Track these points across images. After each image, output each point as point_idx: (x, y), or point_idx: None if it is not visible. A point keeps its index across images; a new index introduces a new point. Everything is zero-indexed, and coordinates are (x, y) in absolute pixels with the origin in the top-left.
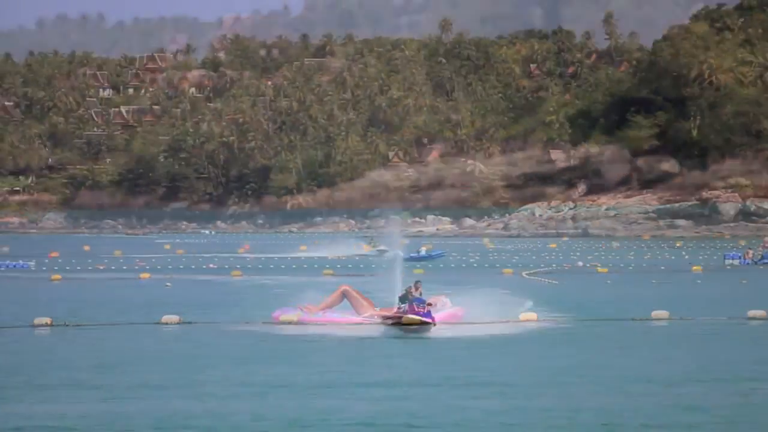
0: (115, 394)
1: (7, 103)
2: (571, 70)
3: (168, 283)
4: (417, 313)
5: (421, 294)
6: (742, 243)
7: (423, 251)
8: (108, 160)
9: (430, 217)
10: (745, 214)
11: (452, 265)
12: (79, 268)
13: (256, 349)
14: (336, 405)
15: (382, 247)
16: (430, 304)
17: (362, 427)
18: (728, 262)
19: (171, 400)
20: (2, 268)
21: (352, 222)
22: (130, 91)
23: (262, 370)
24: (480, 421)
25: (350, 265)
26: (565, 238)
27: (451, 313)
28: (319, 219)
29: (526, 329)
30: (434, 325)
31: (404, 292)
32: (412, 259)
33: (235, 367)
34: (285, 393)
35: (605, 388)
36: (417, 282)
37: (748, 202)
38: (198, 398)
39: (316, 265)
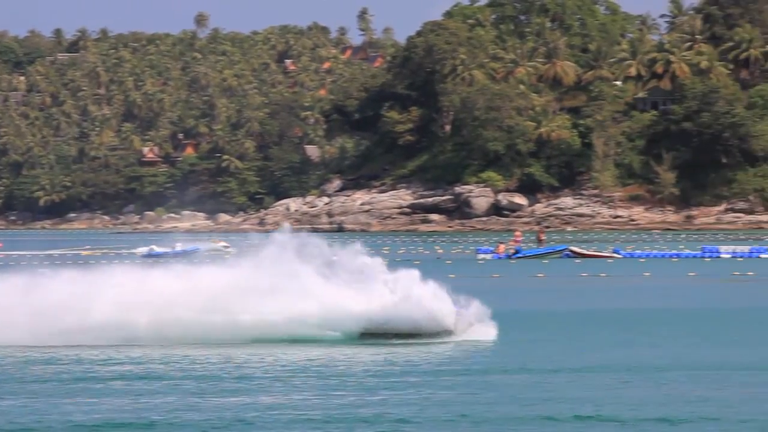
0: None
1: None
2: (326, 65)
3: None
4: None
5: None
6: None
7: (178, 247)
8: None
9: (185, 212)
10: (496, 209)
11: (208, 261)
12: None
13: None
14: None
15: (224, 243)
16: None
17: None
18: (481, 256)
19: None
20: None
21: (107, 218)
22: None
23: None
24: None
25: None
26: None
27: None
28: (72, 215)
29: None
30: None
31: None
32: (166, 255)
33: None
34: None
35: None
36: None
37: (499, 197)
38: None
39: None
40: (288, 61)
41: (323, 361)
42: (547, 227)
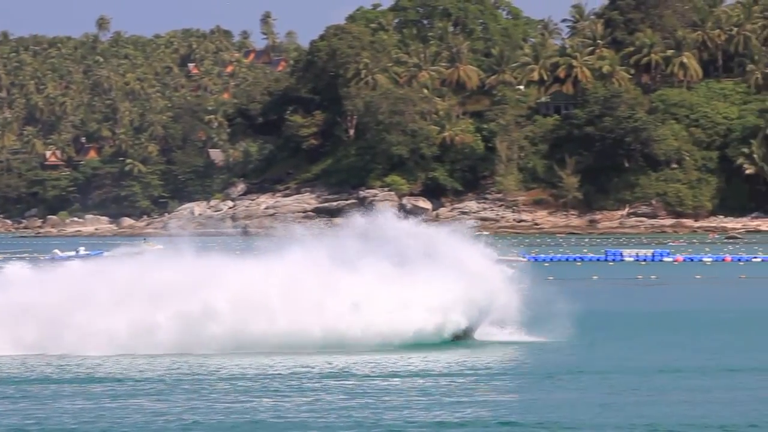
0: None
1: None
2: (229, 68)
3: None
4: None
5: None
6: None
7: (81, 251)
8: None
9: (88, 216)
10: (401, 213)
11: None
12: None
13: None
14: None
15: (160, 246)
16: None
17: None
18: None
19: None
20: None
21: (9, 222)
22: None
23: None
24: None
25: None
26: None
27: None
28: None
29: None
30: None
31: None
32: (70, 259)
33: None
34: None
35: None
36: None
37: (404, 201)
38: None
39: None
40: (191, 65)
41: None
42: None
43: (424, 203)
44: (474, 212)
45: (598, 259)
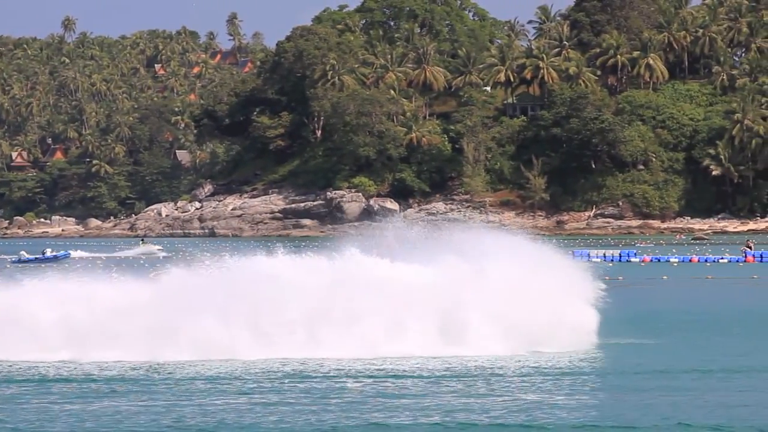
0: None
1: None
2: (196, 70)
3: None
4: None
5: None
6: None
7: (48, 252)
8: None
9: (55, 217)
10: (368, 214)
11: (78, 266)
12: None
13: None
14: None
15: (159, 247)
16: None
17: None
18: None
19: None
20: None
21: None
22: None
23: None
24: None
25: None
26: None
27: None
28: None
29: None
30: None
31: None
32: (37, 260)
33: None
34: None
35: None
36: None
37: (371, 202)
38: None
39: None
40: (157, 66)
41: None
42: None
43: (392, 204)
44: (441, 213)
45: None
